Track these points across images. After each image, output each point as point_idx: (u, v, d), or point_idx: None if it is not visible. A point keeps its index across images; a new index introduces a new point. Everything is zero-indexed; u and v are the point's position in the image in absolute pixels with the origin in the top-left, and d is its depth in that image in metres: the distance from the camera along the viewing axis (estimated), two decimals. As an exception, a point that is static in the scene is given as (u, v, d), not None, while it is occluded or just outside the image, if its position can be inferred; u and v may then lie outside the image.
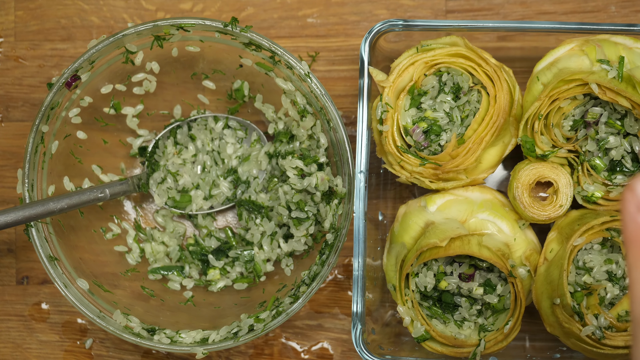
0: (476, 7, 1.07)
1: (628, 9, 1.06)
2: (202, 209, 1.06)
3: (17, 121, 1.10)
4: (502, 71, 0.91)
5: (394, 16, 1.07)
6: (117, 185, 1.02)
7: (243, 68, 1.03)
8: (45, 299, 1.09)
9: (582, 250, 0.91)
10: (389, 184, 1.05)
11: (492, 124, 0.91)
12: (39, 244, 0.97)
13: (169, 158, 1.06)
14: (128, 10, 1.10)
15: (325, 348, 1.06)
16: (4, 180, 1.11)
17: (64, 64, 1.10)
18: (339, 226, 0.97)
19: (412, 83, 0.93)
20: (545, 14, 1.06)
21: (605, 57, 0.91)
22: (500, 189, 1.03)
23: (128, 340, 0.96)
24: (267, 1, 1.09)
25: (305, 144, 1.02)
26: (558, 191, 0.92)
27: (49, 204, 0.95)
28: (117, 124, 1.07)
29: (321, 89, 0.96)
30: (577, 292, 0.88)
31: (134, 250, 1.05)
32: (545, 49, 0.94)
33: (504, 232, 0.93)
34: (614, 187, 0.92)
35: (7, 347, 1.09)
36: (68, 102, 0.99)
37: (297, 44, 1.08)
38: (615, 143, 0.91)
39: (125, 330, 0.96)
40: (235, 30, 0.96)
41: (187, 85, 1.07)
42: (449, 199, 0.95)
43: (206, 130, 1.07)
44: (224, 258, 1.06)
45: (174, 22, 0.96)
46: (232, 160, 1.06)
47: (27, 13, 1.10)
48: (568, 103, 0.91)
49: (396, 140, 0.93)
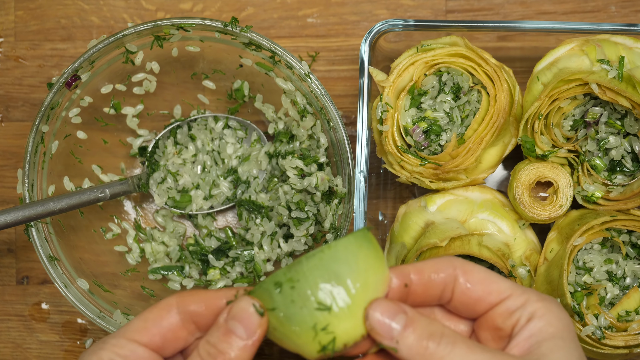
0: (476, 7, 1.07)
1: (628, 9, 1.06)
2: (202, 209, 1.06)
3: (17, 121, 1.10)
4: (502, 71, 0.91)
5: (394, 16, 1.07)
6: (117, 185, 1.02)
7: (243, 68, 1.03)
8: (45, 298, 1.09)
9: (582, 250, 0.91)
10: (389, 184, 1.05)
11: (492, 124, 0.91)
12: (39, 244, 0.97)
13: (169, 158, 1.06)
14: (128, 10, 1.10)
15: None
16: (4, 180, 1.11)
17: (64, 64, 1.10)
18: (339, 226, 0.97)
19: (412, 83, 0.93)
20: (545, 14, 1.06)
21: (605, 57, 0.91)
22: (500, 189, 1.03)
23: (128, 340, 0.96)
24: (267, 1, 1.09)
25: (305, 144, 1.02)
26: (558, 191, 0.92)
27: (49, 204, 0.95)
28: (117, 124, 1.07)
29: (321, 89, 0.96)
30: (577, 292, 0.89)
31: (134, 250, 1.05)
32: (545, 49, 0.94)
33: (504, 232, 0.93)
34: (614, 187, 0.92)
35: (7, 347, 1.09)
36: (68, 102, 0.99)
37: (297, 44, 1.08)
38: (615, 143, 0.91)
39: (125, 330, 0.96)
40: (235, 30, 0.96)
41: (187, 85, 1.07)
42: (449, 199, 0.95)
43: (206, 130, 1.07)
44: (224, 258, 1.06)
45: (174, 22, 0.96)
46: (232, 160, 1.06)
47: (27, 13, 1.10)
48: (568, 103, 0.91)
49: (396, 140, 0.93)
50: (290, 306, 0.63)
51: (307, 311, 0.62)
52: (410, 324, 0.63)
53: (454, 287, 0.66)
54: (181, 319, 0.66)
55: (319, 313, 0.62)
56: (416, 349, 0.62)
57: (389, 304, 0.63)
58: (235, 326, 0.63)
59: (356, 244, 0.64)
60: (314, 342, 0.63)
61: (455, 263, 0.66)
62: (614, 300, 0.90)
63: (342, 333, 0.63)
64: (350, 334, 0.63)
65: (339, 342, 0.63)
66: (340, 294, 0.63)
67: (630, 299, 0.90)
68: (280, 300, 0.63)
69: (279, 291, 0.63)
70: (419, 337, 0.62)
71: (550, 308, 0.64)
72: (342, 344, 0.63)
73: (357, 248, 0.64)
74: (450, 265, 0.66)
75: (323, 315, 0.62)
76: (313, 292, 0.62)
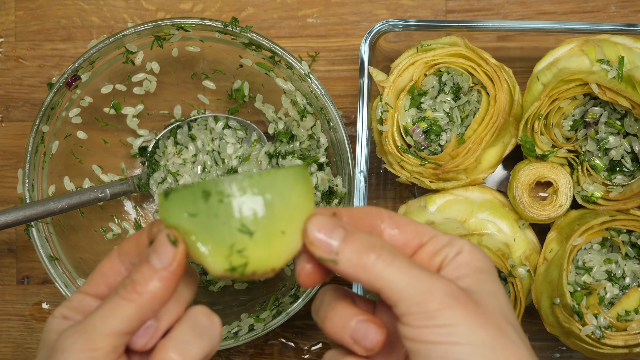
0: (476, 7, 1.07)
1: (628, 9, 1.06)
2: (202, 209, 1.06)
3: (17, 121, 1.11)
4: (502, 71, 0.91)
5: (394, 16, 1.07)
6: (118, 185, 1.02)
7: (243, 68, 1.03)
8: (45, 298, 1.09)
9: (582, 250, 0.91)
10: (389, 184, 1.05)
11: (492, 124, 0.91)
12: (40, 244, 0.97)
13: (169, 158, 1.06)
14: (128, 10, 1.10)
15: (325, 347, 1.06)
16: (5, 180, 1.11)
17: (64, 64, 1.10)
18: (339, 226, 0.97)
19: (412, 83, 0.93)
20: (545, 14, 1.06)
21: (605, 57, 0.91)
22: (500, 189, 1.03)
23: (128, 340, 0.96)
24: (267, 1, 1.09)
25: (305, 144, 1.02)
26: (558, 191, 0.92)
27: (49, 204, 0.95)
28: (117, 124, 1.07)
29: (321, 89, 0.96)
30: (576, 292, 0.89)
31: (134, 250, 1.05)
32: (545, 49, 0.94)
33: (503, 232, 0.93)
34: (614, 187, 0.92)
35: (7, 347, 1.09)
36: (68, 102, 0.99)
37: (297, 44, 1.08)
38: (615, 143, 0.91)
39: (125, 330, 0.97)
40: (235, 30, 0.96)
41: (187, 85, 1.07)
42: (448, 199, 0.95)
43: (206, 130, 1.07)
44: (224, 258, 1.06)
45: (174, 22, 0.96)
46: (232, 160, 1.06)
47: (28, 13, 1.11)
48: (568, 103, 0.91)
49: (396, 140, 0.93)
50: (212, 218, 0.61)
51: (227, 229, 0.61)
52: (349, 236, 0.62)
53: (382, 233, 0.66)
54: (122, 264, 0.66)
55: (240, 235, 0.61)
56: (356, 259, 0.62)
57: (327, 219, 0.63)
58: (151, 258, 0.62)
59: (294, 178, 0.63)
60: (225, 261, 0.61)
61: (382, 212, 0.66)
62: (613, 300, 0.90)
63: (255, 260, 0.62)
64: (263, 264, 0.62)
65: (249, 268, 0.62)
66: (266, 224, 0.61)
67: (630, 299, 0.90)
68: (204, 209, 0.61)
69: (204, 200, 0.61)
70: (358, 248, 0.62)
71: (475, 247, 0.65)
72: (251, 271, 0.62)
73: (294, 182, 0.63)
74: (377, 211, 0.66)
75: (243, 238, 0.61)
76: (240, 213, 0.61)
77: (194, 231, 0.62)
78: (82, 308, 0.65)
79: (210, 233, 0.61)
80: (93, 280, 0.67)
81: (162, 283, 0.62)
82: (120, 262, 0.66)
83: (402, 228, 0.66)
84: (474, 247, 0.65)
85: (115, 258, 0.67)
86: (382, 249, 0.62)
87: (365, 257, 0.62)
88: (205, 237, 0.62)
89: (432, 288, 0.61)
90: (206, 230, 0.61)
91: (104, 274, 0.67)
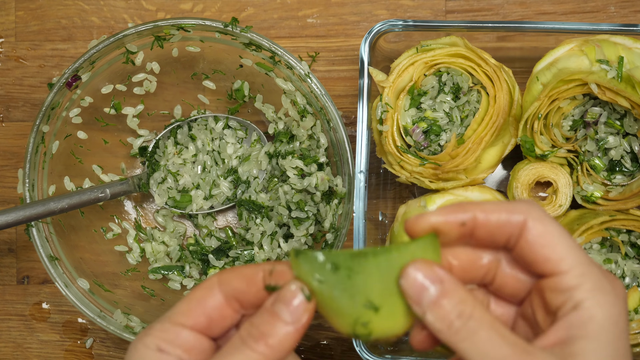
0: (476, 7, 1.07)
1: (627, 9, 1.06)
2: (203, 209, 1.06)
3: (17, 121, 1.11)
4: (501, 71, 0.91)
5: (394, 16, 1.07)
6: (118, 185, 1.02)
7: (243, 68, 1.03)
8: (45, 298, 1.09)
9: (582, 250, 0.91)
10: (389, 184, 1.05)
11: (492, 124, 0.91)
12: (40, 244, 0.97)
13: (169, 158, 1.06)
14: (128, 10, 1.10)
15: (325, 347, 1.06)
16: (5, 180, 1.11)
17: (64, 64, 1.10)
18: (339, 226, 0.97)
19: (412, 83, 0.94)
20: (545, 14, 1.06)
21: (604, 57, 0.91)
22: (500, 189, 1.03)
23: (129, 339, 0.96)
24: (267, 1, 1.09)
25: (305, 144, 1.02)
26: (557, 191, 0.92)
27: (49, 204, 0.95)
28: (117, 124, 1.07)
29: (321, 89, 0.96)
30: (576, 292, 0.89)
31: (134, 250, 1.06)
32: (545, 49, 0.94)
33: (503, 232, 0.93)
34: (613, 187, 0.92)
35: (7, 347, 1.09)
36: (68, 102, 0.99)
37: (297, 44, 1.08)
38: (614, 143, 0.91)
39: (125, 329, 0.97)
40: (235, 30, 0.96)
41: (187, 85, 1.07)
42: (448, 199, 0.95)
43: (206, 130, 1.07)
44: (224, 258, 1.06)
45: (175, 23, 0.96)
46: (232, 160, 1.06)
47: (28, 13, 1.11)
48: (567, 103, 0.91)
49: (396, 140, 0.94)
50: (339, 290, 0.61)
51: (354, 303, 0.61)
52: (444, 294, 0.60)
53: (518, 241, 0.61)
54: (224, 297, 0.63)
55: (365, 309, 0.61)
56: (442, 322, 0.59)
57: (428, 269, 0.60)
58: (280, 309, 0.60)
59: (422, 251, 0.62)
60: (349, 327, 0.62)
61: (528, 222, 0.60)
62: (613, 299, 0.91)
63: (379, 331, 0.62)
64: (386, 333, 0.63)
65: (372, 337, 0.62)
66: (393, 301, 0.61)
67: (630, 299, 0.90)
68: (332, 280, 0.61)
69: (332, 272, 0.61)
70: (448, 310, 0.59)
71: (600, 301, 0.58)
72: (374, 339, 0.63)
73: (422, 255, 0.62)
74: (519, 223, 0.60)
75: (368, 312, 0.61)
76: (368, 291, 0.61)
77: (321, 294, 0.62)
78: (182, 342, 0.62)
79: (336, 302, 0.61)
80: (191, 311, 0.63)
81: (292, 337, 0.61)
82: (221, 293, 0.63)
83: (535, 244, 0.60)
84: (597, 302, 0.58)
85: (216, 288, 0.63)
86: (470, 318, 0.59)
87: (451, 320, 0.59)
88: (331, 303, 0.62)
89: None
90: (332, 299, 0.61)
91: (204, 306, 0.63)
